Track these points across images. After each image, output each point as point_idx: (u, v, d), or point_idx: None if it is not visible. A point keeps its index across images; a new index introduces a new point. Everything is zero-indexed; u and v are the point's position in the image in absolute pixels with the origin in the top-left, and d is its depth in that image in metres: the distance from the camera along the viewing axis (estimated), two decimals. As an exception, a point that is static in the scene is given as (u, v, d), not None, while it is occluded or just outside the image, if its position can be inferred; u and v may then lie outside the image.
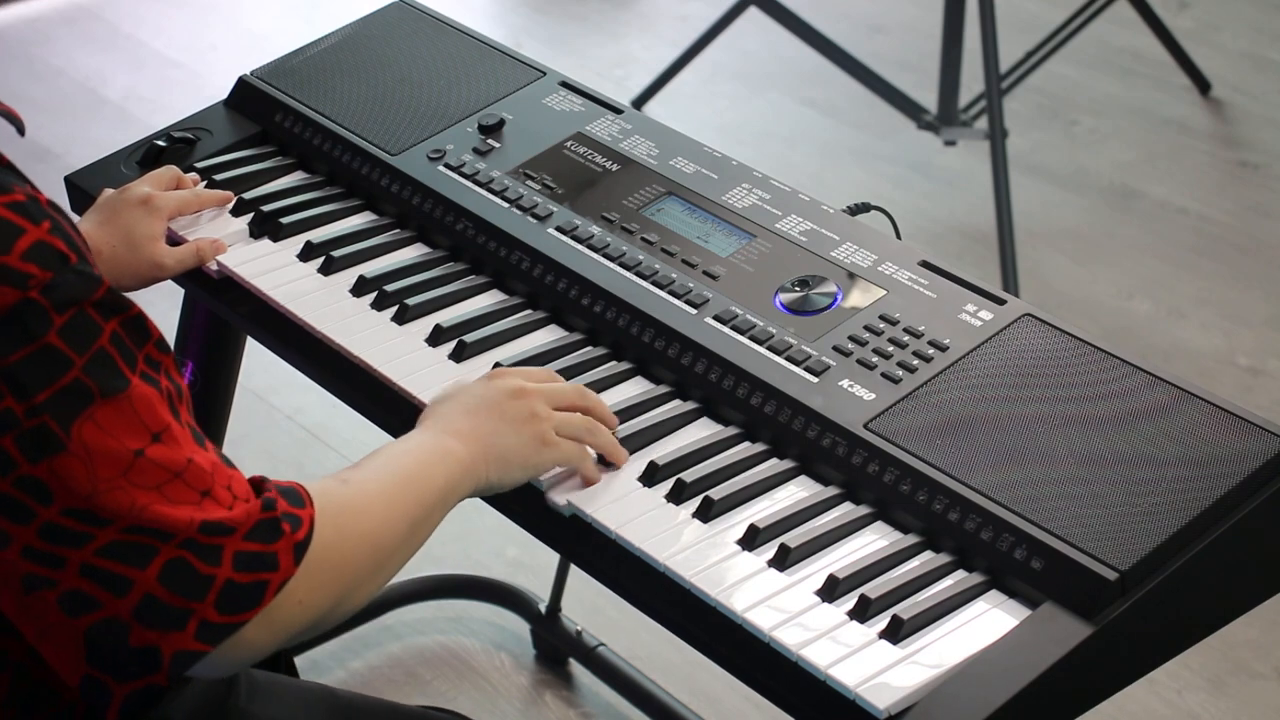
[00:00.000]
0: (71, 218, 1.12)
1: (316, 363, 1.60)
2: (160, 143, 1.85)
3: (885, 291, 1.52)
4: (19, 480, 1.05)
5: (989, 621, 1.26)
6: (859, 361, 1.45)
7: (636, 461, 1.42)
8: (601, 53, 4.14)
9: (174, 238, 1.72)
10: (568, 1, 4.39)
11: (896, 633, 1.24)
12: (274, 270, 1.68)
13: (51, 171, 2.07)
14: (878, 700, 1.19)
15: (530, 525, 1.42)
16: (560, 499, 1.38)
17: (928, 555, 1.32)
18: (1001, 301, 1.49)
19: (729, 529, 1.35)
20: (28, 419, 1.04)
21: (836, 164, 3.66)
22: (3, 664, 1.17)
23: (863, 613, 1.26)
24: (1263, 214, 3.45)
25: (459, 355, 1.55)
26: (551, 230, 1.64)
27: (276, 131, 1.86)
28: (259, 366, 2.43)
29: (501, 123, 1.79)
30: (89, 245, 1.11)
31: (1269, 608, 1.42)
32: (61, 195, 1.79)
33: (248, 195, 1.78)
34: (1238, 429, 1.34)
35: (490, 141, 1.77)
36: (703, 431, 1.46)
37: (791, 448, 1.42)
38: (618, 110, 1.80)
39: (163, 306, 2.04)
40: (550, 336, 1.59)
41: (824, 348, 1.47)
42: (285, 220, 1.74)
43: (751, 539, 1.33)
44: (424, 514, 1.28)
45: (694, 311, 1.53)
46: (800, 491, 1.39)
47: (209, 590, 1.09)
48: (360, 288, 1.64)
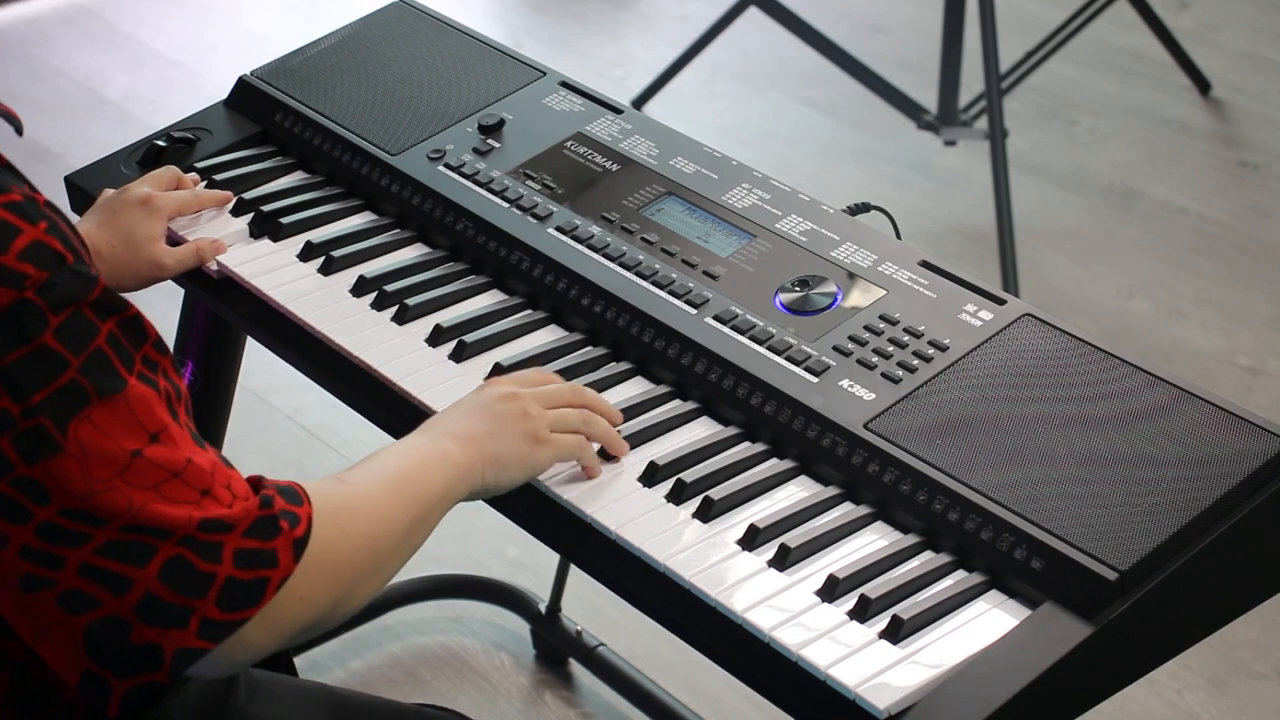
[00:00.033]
0: (69, 218, 1.12)
1: (316, 363, 1.60)
2: (160, 143, 1.85)
3: (885, 291, 1.52)
4: (16, 481, 1.05)
5: (989, 621, 1.26)
6: (859, 361, 1.45)
7: (636, 461, 1.42)
8: (601, 53, 4.14)
9: (174, 238, 1.72)
10: (568, 1, 4.39)
11: (896, 633, 1.24)
12: (274, 270, 1.68)
13: (51, 171, 2.07)
14: (878, 700, 1.19)
15: (530, 525, 1.42)
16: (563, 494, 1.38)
17: (928, 555, 1.32)
18: (1001, 301, 1.49)
19: (729, 529, 1.35)
20: (24, 420, 1.04)
21: (836, 164, 3.66)
22: (3, 664, 1.17)
23: (863, 613, 1.26)
24: (1263, 214, 3.45)
25: (459, 355, 1.55)
26: (551, 230, 1.64)
27: (276, 131, 1.86)
28: (259, 366, 2.43)
29: (501, 123, 1.79)
30: (89, 246, 1.11)
31: (1269, 608, 1.42)
32: (61, 195, 1.79)
33: (248, 195, 1.78)
34: (1238, 429, 1.34)
35: (490, 141, 1.77)
36: (703, 431, 1.46)
37: (791, 448, 1.42)
38: (618, 110, 1.80)
39: (163, 306, 2.04)
40: (550, 336, 1.59)
41: (824, 348, 1.47)
42: (285, 220, 1.74)
43: (751, 539, 1.33)
44: (421, 515, 1.28)
45: (694, 311, 1.53)
46: (800, 491, 1.39)
47: (210, 588, 1.09)
48: (360, 288, 1.64)
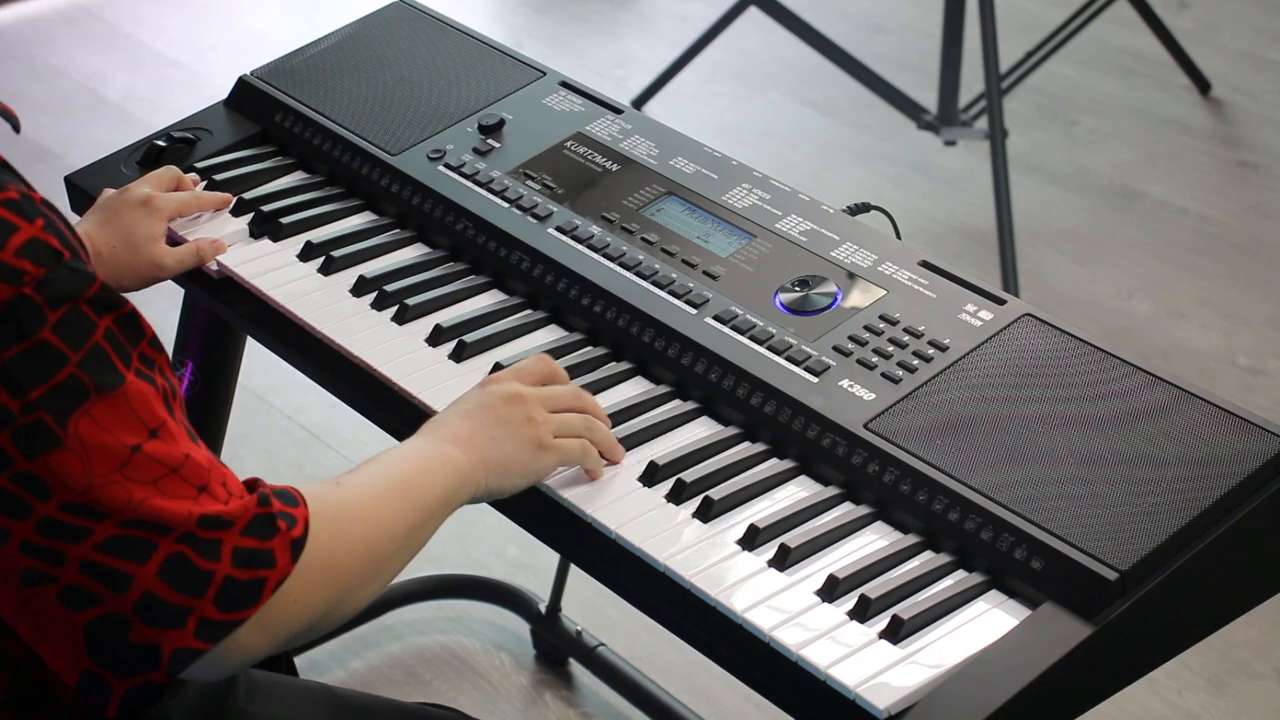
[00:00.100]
0: (66, 216, 1.12)
1: (316, 363, 1.60)
2: (160, 143, 1.85)
3: (885, 291, 1.52)
4: (15, 476, 1.05)
5: (989, 621, 1.26)
6: (859, 361, 1.45)
7: (636, 461, 1.42)
8: (601, 53, 4.14)
9: (174, 238, 1.72)
10: (568, 1, 4.39)
11: (896, 633, 1.24)
12: (274, 270, 1.68)
13: (51, 171, 2.07)
14: (878, 700, 1.19)
15: (530, 525, 1.42)
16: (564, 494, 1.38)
17: (928, 555, 1.32)
18: (1001, 301, 1.49)
19: (729, 529, 1.35)
20: (23, 415, 1.05)
21: (836, 164, 3.65)
22: (2, 664, 1.17)
23: (863, 613, 1.26)
24: (1263, 214, 3.45)
25: (459, 355, 1.55)
26: (551, 230, 1.64)
27: (276, 131, 1.86)
28: (259, 366, 2.43)
29: (501, 123, 1.79)
30: (89, 245, 1.11)
31: (1269, 608, 1.42)
32: (61, 195, 1.79)
33: (248, 195, 1.78)
34: (1238, 429, 1.34)
35: (490, 141, 1.77)
36: (703, 431, 1.46)
37: (791, 448, 1.42)
38: (618, 110, 1.80)
39: (163, 306, 2.05)
40: (550, 336, 1.59)
41: (824, 348, 1.47)
42: (285, 220, 1.73)
43: (751, 539, 1.33)
44: (421, 519, 1.28)
45: (694, 311, 1.53)
46: (800, 491, 1.39)
47: (208, 587, 1.09)
48: (360, 288, 1.64)
